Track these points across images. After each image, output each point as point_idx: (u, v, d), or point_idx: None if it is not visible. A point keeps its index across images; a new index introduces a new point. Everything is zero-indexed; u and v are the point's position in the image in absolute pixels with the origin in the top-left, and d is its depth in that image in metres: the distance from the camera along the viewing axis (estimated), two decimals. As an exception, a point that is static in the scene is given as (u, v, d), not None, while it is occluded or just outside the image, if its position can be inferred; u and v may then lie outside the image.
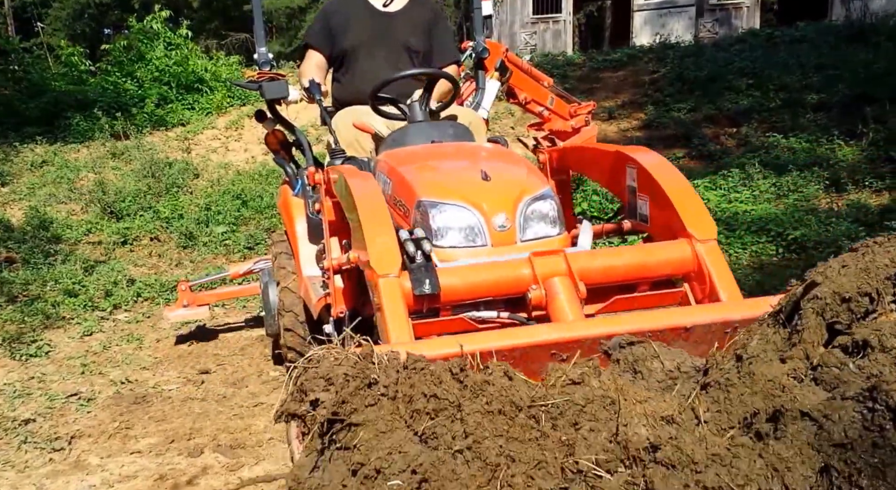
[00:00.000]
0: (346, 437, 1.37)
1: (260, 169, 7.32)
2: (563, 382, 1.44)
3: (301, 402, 1.45)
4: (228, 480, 2.69)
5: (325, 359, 1.47)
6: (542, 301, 1.98)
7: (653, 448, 1.28)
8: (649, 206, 2.29)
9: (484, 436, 1.31)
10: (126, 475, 2.78)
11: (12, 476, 2.81)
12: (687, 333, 1.73)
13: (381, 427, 1.36)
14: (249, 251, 5.67)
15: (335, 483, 1.33)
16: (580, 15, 15.78)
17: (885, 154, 5.99)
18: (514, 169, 2.44)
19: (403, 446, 1.32)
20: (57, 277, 4.96)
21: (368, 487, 1.29)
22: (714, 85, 8.33)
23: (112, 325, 4.50)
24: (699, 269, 2.05)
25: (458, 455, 1.30)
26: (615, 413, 1.34)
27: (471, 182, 2.23)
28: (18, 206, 6.68)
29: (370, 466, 1.31)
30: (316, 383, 1.43)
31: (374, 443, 1.33)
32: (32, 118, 8.59)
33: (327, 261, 2.42)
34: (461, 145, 2.69)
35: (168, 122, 8.85)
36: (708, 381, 1.43)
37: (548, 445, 1.33)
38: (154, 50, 9.59)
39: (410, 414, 1.37)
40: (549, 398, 1.39)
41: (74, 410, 3.37)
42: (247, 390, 3.54)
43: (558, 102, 4.05)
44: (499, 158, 2.58)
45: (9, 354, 4.02)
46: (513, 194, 2.19)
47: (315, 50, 3.25)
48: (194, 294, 4.14)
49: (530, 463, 1.30)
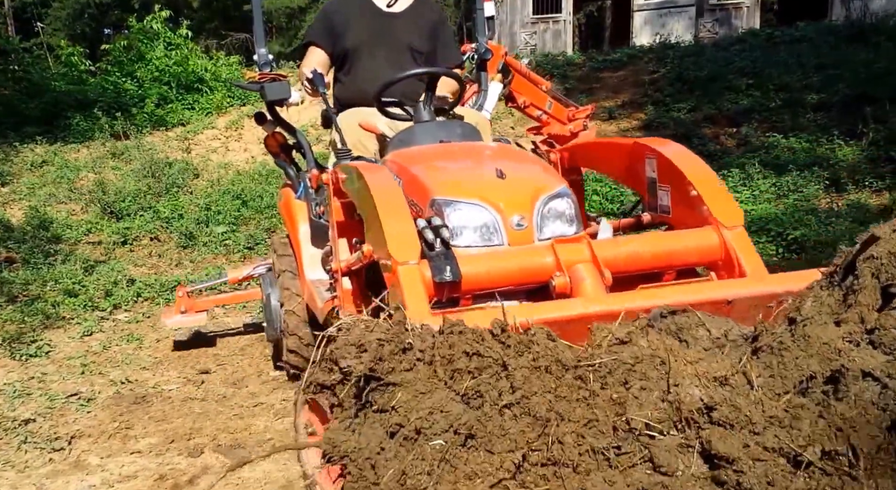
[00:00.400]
0: (383, 399, 1.32)
1: (260, 169, 7.32)
2: (609, 342, 1.40)
3: (330, 371, 1.39)
4: (228, 480, 2.69)
5: (355, 326, 1.41)
6: (567, 288, 1.93)
7: (707, 409, 1.25)
8: (671, 197, 2.25)
9: (532, 391, 1.28)
10: (126, 475, 2.78)
11: (12, 476, 2.81)
12: (729, 307, 1.69)
13: (420, 387, 1.31)
14: (249, 251, 5.67)
15: (373, 445, 1.28)
16: (580, 15, 15.78)
17: (886, 154, 5.99)
18: (529, 167, 2.41)
19: (445, 406, 1.28)
20: (57, 277, 4.96)
21: (408, 448, 1.26)
22: (714, 85, 8.33)
23: (112, 325, 4.50)
24: (727, 256, 2.01)
25: (506, 410, 1.26)
26: (666, 373, 1.30)
27: (486, 180, 2.19)
28: (18, 206, 6.68)
29: (410, 427, 1.27)
30: (347, 351, 1.38)
31: (413, 403, 1.29)
32: (32, 118, 8.58)
33: (335, 262, 2.39)
34: (472, 144, 2.66)
35: (168, 122, 8.85)
36: (759, 345, 1.39)
37: (598, 404, 1.29)
38: (154, 50, 9.59)
39: (450, 374, 1.32)
40: (595, 358, 1.34)
41: (74, 410, 3.36)
42: (247, 390, 3.54)
43: (556, 106, 4.03)
44: (512, 157, 2.55)
45: (9, 354, 4.01)
46: (529, 192, 2.15)
47: (317, 47, 3.22)
48: (192, 299, 4.06)
49: (580, 421, 1.26)
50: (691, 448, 1.23)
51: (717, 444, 1.20)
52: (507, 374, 1.31)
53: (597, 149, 2.86)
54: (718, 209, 2.05)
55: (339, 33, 3.17)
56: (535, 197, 2.14)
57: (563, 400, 1.28)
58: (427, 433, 1.25)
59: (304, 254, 3.07)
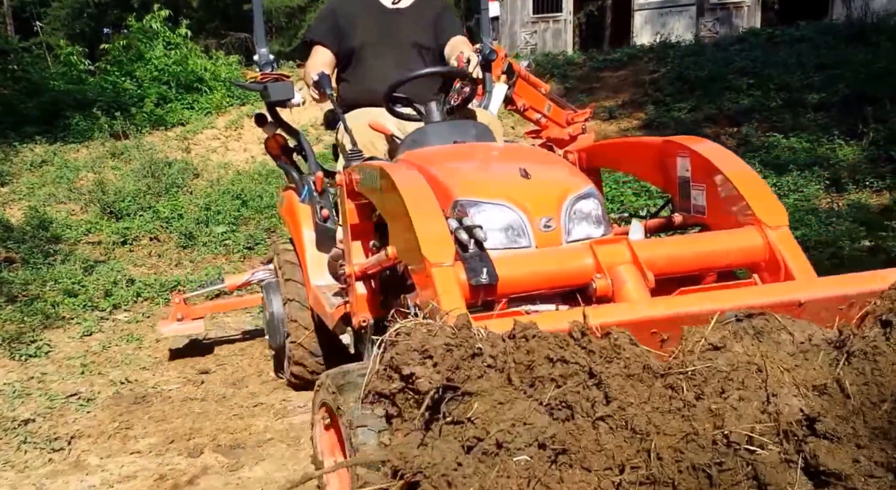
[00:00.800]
0: (458, 410, 1.22)
1: (260, 169, 7.31)
2: (702, 348, 1.30)
3: (390, 379, 1.28)
4: (228, 481, 2.69)
5: (416, 330, 1.30)
6: (609, 290, 1.84)
7: (808, 421, 1.15)
8: (706, 196, 2.16)
9: (629, 401, 1.17)
10: (126, 475, 2.78)
11: (12, 476, 2.81)
12: (799, 309, 1.58)
13: (499, 397, 1.20)
14: (249, 251, 5.66)
15: (448, 460, 1.16)
16: (580, 14, 15.77)
17: (886, 154, 5.99)
18: (553, 167, 2.34)
19: (528, 417, 1.17)
20: (56, 277, 4.96)
21: (489, 464, 1.14)
22: (714, 84, 8.32)
23: (112, 324, 4.50)
24: (771, 257, 1.92)
25: (601, 423, 1.16)
26: (763, 381, 1.21)
27: (511, 180, 2.11)
28: (18, 206, 6.67)
29: (490, 441, 1.16)
30: (410, 357, 1.26)
31: (493, 415, 1.18)
32: (32, 118, 8.57)
33: (348, 267, 2.32)
34: (491, 145, 2.58)
35: (167, 121, 8.84)
36: (851, 350, 1.29)
37: (696, 415, 1.18)
38: (153, 49, 9.58)
39: (530, 382, 1.22)
40: (688, 364, 1.24)
41: (74, 410, 3.36)
42: (247, 390, 3.54)
43: (555, 110, 4.00)
44: (535, 157, 2.47)
45: (8, 354, 4.02)
46: (556, 193, 2.08)
47: (322, 46, 3.13)
48: (189, 307, 3.93)
49: (677, 434, 1.16)
50: (793, 463, 1.14)
51: (824, 459, 1.11)
52: (596, 382, 1.21)
53: (622, 148, 2.77)
54: (761, 208, 1.96)
55: (345, 32, 3.10)
56: (562, 197, 2.07)
57: (657, 411, 1.19)
58: (510, 448, 1.15)
59: (308, 259, 3.01)
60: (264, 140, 3.39)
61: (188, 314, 3.89)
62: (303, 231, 3.06)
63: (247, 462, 2.82)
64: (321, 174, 3.06)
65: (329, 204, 2.97)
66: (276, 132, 3.29)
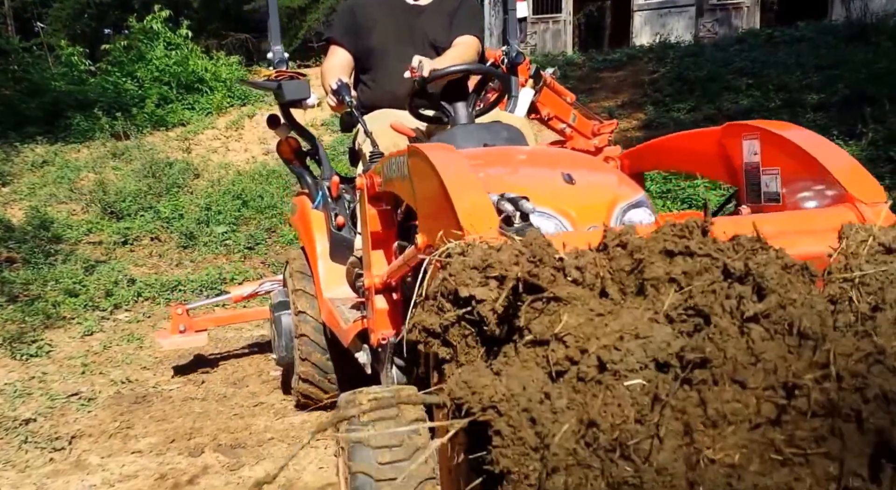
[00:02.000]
0: (540, 326, 0.95)
1: (260, 169, 7.33)
2: (870, 249, 1.04)
3: (441, 311, 1.02)
4: (229, 480, 2.70)
5: (475, 247, 1.04)
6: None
7: None
8: (780, 181, 1.95)
9: (790, 298, 0.89)
10: (126, 475, 2.79)
11: (13, 475, 2.83)
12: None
13: (596, 307, 0.95)
14: (250, 251, 5.67)
15: (531, 391, 0.90)
16: (580, 15, 15.77)
17: (885, 154, 5.99)
18: (599, 172, 2.12)
19: (641, 329, 0.90)
20: (58, 277, 4.97)
21: (590, 392, 0.89)
22: (714, 85, 8.33)
23: (112, 324, 4.51)
24: None
25: (753, 326, 0.86)
26: None
27: (553, 185, 1.90)
28: (19, 206, 6.69)
29: (588, 362, 0.90)
30: (469, 276, 0.99)
31: (589, 330, 0.92)
32: (33, 118, 8.59)
33: (367, 278, 2.14)
34: (526, 148, 2.40)
35: (168, 122, 8.86)
36: None
37: (879, 329, 0.88)
38: (154, 50, 9.60)
39: (637, 288, 0.97)
40: (855, 269, 0.98)
41: (75, 410, 3.38)
42: (247, 390, 3.56)
43: (581, 120, 3.85)
44: (578, 161, 2.27)
45: (9, 354, 4.03)
46: (605, 200, 1.88)
47: (339, 46, 2.94)
48: (191, 319, 3.69)
49: (854, 354, 0.85)
50: None
51: None
52: (740, 276, 0.92)
53: (672, 144, 2.50)
54: (855, 185, 1.72)
55: (363, 31, 2.90)
56: (611, 205, 1.87)
57: (825, 325, 0.87)
58: (617, 369, 0.88)
59: (321, 269, 2.84)
60: (277, 143, 3.23)
61: (191, 326, 3.66)
62: (316, 240, 2.90)
63: (247, 461, 2.83)
64: (337, 179, 2.91)
65: (345, 211, 2.84)
66: (290, 135, 3.13)
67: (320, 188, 2.99)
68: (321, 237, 2.88)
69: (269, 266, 5.35)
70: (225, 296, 3.96)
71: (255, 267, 5.38)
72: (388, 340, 2.15)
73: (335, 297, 2.75)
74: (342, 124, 3.16)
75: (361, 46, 2.92)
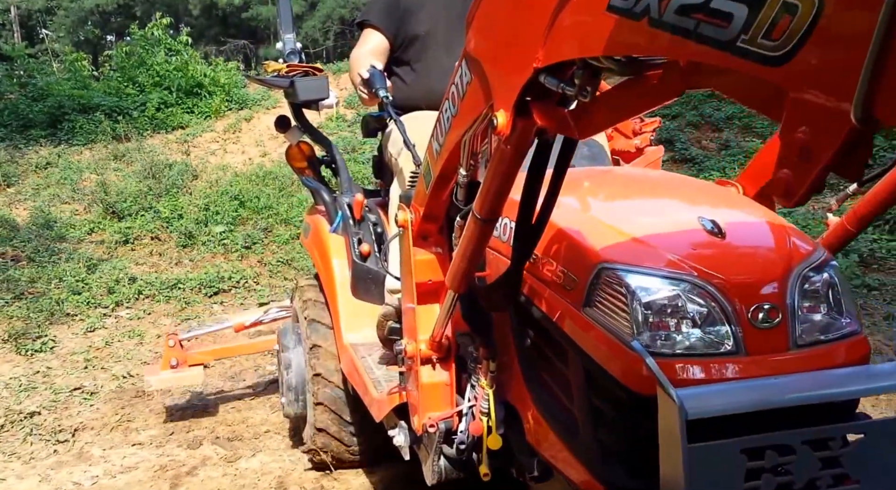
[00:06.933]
0: None
1: (257, 170, 7.41)
2: None
3: None
4: (226, 471, 2.78)
5: None
6: None
7: None
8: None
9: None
10: (128, 466, 2.87)
11: (18, 467, 2.91)
12: None
13: None
14: (247, 250, 5.75)
15: None
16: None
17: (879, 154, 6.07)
18: (753, 218, 1.46)
19: None
20: (61, 275, 5.06)
21: None
22: (697, 92, 8.40)
23: (114, 321, 4.59)
24: None
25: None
26: None
27: (693, 238, 1.33)
28: (24, 206, 6.78)
29: None
30: None
31: None
32: (37, 121, 8.70)
33: (409, 343, 1.63)
34: (631, 173, 1.83)
35: (168, 125, 8.97)
36: None
37: None
38: (155, 56, 9.70)
39: None
40: None
41: (78, 404, 3.46)
42: (244, 384, 3.64)
43: None
44: (715, 198, 1.59)
45: (15, 349, 4.11)
46: (777, 263, 1.30)
47: (376, 30, 2.44)
48: (184, 351, 3.16)
49: None
50: None
51: None
52: None
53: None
54: None
55: (408, 15, 2.41)
56: (786, 269, 1.28)
57: None
58: None
59: (341, 307, 2.32)
60: (286, 149, 2.70)
61: (184, 360, 3.12)
62: (334, 270, 2.38)
63: (244, 453, 2.91)
64: (361, 197, 2.40)
65: (370, 235, 2.37)
66: (302, 139, 2.65)
67: (339, 207, 2.48)
68: (341, 267, 2.37)
69: (266, 265, 5.42)
70: (225, 324, 3.39)
71: (252, 265, 5.46)
72: (437, 429, 1.63)
73: (357, 343, 2.24)
74: (364, 127, 2.60)
75: (403, 33, 2.42)
